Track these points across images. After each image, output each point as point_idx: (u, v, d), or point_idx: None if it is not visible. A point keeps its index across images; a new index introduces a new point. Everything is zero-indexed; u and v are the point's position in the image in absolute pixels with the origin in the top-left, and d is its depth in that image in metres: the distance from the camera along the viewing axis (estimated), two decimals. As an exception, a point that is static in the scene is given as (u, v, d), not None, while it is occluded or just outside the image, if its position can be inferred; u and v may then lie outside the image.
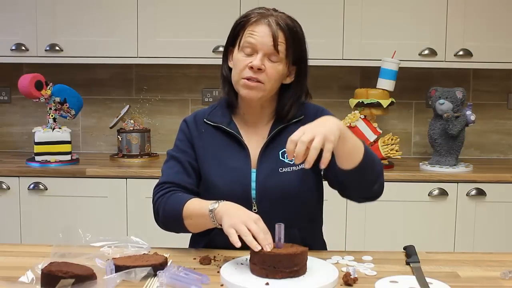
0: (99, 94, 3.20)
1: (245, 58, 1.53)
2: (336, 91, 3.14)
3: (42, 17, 2.83)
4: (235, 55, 1.57)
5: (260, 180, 1.56)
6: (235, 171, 1.56)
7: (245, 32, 1.54)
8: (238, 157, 1.58)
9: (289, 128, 1.58)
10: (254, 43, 1.52)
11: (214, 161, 1.59)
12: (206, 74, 3.14)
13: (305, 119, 1.59)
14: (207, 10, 2.80)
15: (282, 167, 1.56)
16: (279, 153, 1.57)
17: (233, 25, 1.60)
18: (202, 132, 1.62)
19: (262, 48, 1.52)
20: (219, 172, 1.57)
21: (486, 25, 2.81)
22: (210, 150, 1.60)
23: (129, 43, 2.84)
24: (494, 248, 2.55)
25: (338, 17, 2.80)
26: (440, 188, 2.64)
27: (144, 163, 2.88)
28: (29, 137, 3.11)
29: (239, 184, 1.55)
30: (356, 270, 1.37)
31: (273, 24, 1.52)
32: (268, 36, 1.51)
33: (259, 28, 1.52)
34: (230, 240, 1.33)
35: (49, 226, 2.63)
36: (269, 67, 1.53)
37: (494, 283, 1.33)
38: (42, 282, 1.23)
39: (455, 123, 2.71)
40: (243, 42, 1.54)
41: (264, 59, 1.52)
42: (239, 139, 1.59)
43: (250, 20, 1.55)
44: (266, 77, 1.53)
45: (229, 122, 1.61)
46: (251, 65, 1.51)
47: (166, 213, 1.54)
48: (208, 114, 1.64)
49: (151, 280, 1.30)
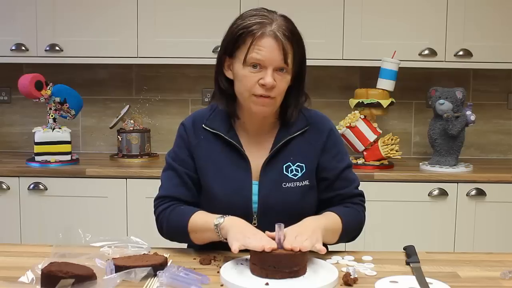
0: (99, 94, 3.20)
1: (253, 74, 1.46)
2: (336, 91, 3.14)
3: (42, 17, 2.83)
4: (239, 70, 1.49)
5: (262, 194, 1.54)
6: (236, 182, 1.54)
7: (250, 47, 1.45)
8: (238, 167, 1.55)
9: (294, 140, 1.57)
10: (263, 59, 1.44)
11: (214, 171, 1.56)
12: (206, 74, 3.13)
13: (310, 129, 1.59)
14: (207, 10, 2.80)
15: (286, 182, 1.54)
16: (283, 167, 1.55)
17: (230, 34, 1.51)
18: (201, 139, 1.58)
19: (272, 63, 1.45)
20: (220, 183, 1.55)
21: (486, 25, 2.81)
22: (209, 159, 1.56)
23: (129, 43, 2.84)
24: (494, 248, 2.54)
25: (338, 17, 2.80)
26: (440, 188, 2.64)
27: (144, 163, 2.88)
28: (29, 137, 3.11)
29: (240, 196, 1.53)
30: (356, 270, 1.37)
31: (279, 35, 1.45)
32: (276, 50, 1.44)
33: (265, 42, 1.44)
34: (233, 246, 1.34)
35: (49, 226, 2.63)
36: (279, 81, 1.47)
37: (494, 283, 1.33)
38: (42, 282, 1.23)
39: (455, 123, 2.71)
40: (249, 58, 1.45)
41: (274, 74, 1.46)
42: (240, 150, 1.55)
43: (253, 32, 1.45)
44: (277, 92, 1.48)
45: (228, 129, 1.57)
46: (264, 83, 1.45)
47: (170, 228, 1.54)
48: (207, 119, 1.59)
49: (151, 280, 1.30)
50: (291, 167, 1.55)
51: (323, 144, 1.58)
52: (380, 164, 2.77)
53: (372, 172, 2.67)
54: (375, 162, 2.77)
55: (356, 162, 2.79)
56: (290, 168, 1.55)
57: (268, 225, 1.44)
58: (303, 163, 1.55)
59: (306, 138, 1.58)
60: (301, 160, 1.56)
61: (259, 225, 1.52)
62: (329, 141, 1.60)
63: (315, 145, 1.58)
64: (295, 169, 1.55)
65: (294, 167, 1.55)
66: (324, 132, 1.60)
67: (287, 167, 1.55)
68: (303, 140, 1.57)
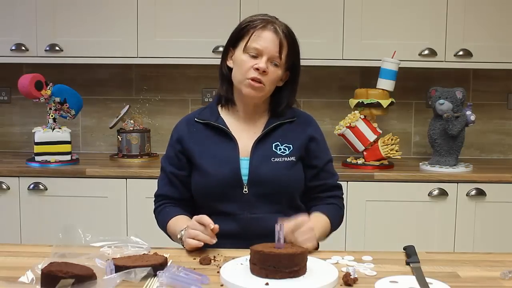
0: (99, 94, 3.20)
1: (250, 60, 1.65)
2: (336, 91, 3.14)
3: (42, 17, 2.84)
4: (238, 56, 1.68)
5: (253, 166, 1.69)
6: (224, 158, 1.70)
7: (252, 37, 1.65)
8: (226, 145, 1.71)
9: (283, 126, 1.75)
10: (260, 49, 1.64)
11: (205, 152, 1.72)
12: (206, 74, 3.14)
13: (297, 120, 1.78)
14: (207, 10, 2.80)
15: (275, 157, 1.70)
16: (273, 145, 1.72)
17: (236, 28, 1.72)
18: (194, 131, 1.75)
19: (268, 52, 1.65)
20: (210, 161, 1.70)
21: (486, 25, 2.81)
22: (201, 144, 1.73)
23: (129, 43, 2.84)
24: (494, 248, 2.55)
25: (338, 17, 2.80)
26: (440, 188, 2.64)
27: (144, 163, 2.88)
28: (29, 137, 3.11)
29: (229, 168, 1.68)
30: (356, 270, 1.37)
31: (279, 31, 1.66)
32: (274, 42, 1.65)
33: (266, 33, 1.65)
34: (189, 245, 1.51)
35: (49, 226, 2.63)
36: (271, 71, 1.66)
37: (494, 283, 1.33)
38: (42, 282, 1.23)
39: (455, 123, 2.71)
40: (249, 46, 1.65)
41: (267, 63, 1.65)
42: (226, 131, 1.72)
43: (256, 25, 1.67)
44: (267, 80, 1.67)
45: (216, 118, 1.74)
46: (257, 67, 1.64)
47: (161, 228, 1.77)
48: (199, 114, 1.78)
49: (151, 280, 1.31)
50: (279, 146, 1.72)
51: (311, 133, 1.77)
52: (380, 164, 2.77)
53: (372, 172, 2.67)
54: (375, 162, 2.77)
55: (356, 162, 2.79)
56: (279, 147, 1.72)
57: (258, 195, 1.67)
58: (290, 144, 1.73)
59: (294, 125, 1.77)
60: (288, 142, 1.73)
61: (249, 194, 1.67)
62: (316, 133, 1.80)
63: (302, 132, 1.76)
64: (283, 148, 1.72)
65: (282, 147, 1.72)
66: (311, 125, 1.80)
67: (276, 146, 1.72)
68: (291, 127, 1.76)
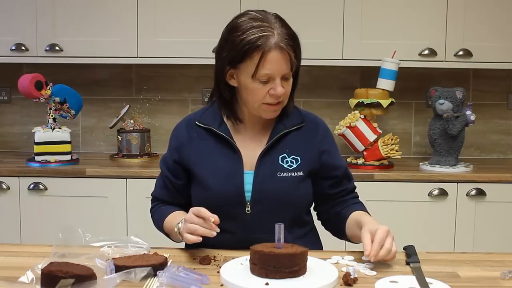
0: (99, 94, 3.20)
1: (263, 86, 1.51)
2: (336, 91, 3.13)
3: (42, 17, 2.83)
4: (247, 83, 1.51)
5: (257, 182, 1.57)
6: (227, 172, 1.58)
7: (260, 64, 1.47)
8: (230, 158, 1.59)
9: (290, 135, 1.62)
10: (271, 73, 1.49)
11: (207, 163, 1.60)
12: (206, 74, 3.13)
13: (305, 127, 1.65)
14: (207, 10, 2.80)
15: (281, 171, 1.58)
16: (279, 157, 1.59)
17: (233, 47, 1.50)
18: (194, 136, 1.63)
19: (279, 73, 1.50)
20: (211, 173, 1.59)
21: (486, 25, 2.81)
22: (202, 153, 1.61)
23: (129, 43, 2.84)
24: (494, 248, 2.54)
25: (338, 17, 2.80)
26: (440, 188, 2.64)
27: (144, 163, 2.88)
28: (29, 137, 3.11)
29: (231, 184, 1.57)
30: (356, 270, 1.37)
31: (284, 45, 1.48)
32: (283, 61, 1.49)
33: (273, 56, 1.48)
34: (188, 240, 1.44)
35: (49, 226, 2.62)
36: (286, 86, 1.54)
37: (494, 283, 1.33)
38: (42, 282, 1.23)
39: (455, 123, 2.71)
40: (259, 74, 1.48)
41: (281, 81, 1.52)
42: (230, 141, 1.59)
43: (260, 48, 1.47)
44: (285, 96, 1.56)
45: (220, 124, 1.61)
46: (275, 93, 1.51)
47: (157, 228, 1.69)
48: (200, 116, 1.65)
49: (151, 280, 1.31)
50: (286, 158, 1.60)
51: (320, 146, 1.64)
52: (380, 164, 2.77)
53: (372, 172, 2.67)
54: (375, 162, 2.77)
55: (356, 162, 2.79)
56: (286, 159, 1.60)
57: (261, 214, 1.56)
58: (298, 156, 1.60)
59: (301, 133, 1.64)
60: (296, 153, 1.61)
61: (252, 213, 1.57)
62: (328, 141, 1.67)
63: (310, 141, 1.64)
64: (290, 160, 1.60)
65: (289, 159, 1.60)
66: (320, 131, 1.67)
67: (283, 158, 1.59)
68: (299, 135, 1.63)
